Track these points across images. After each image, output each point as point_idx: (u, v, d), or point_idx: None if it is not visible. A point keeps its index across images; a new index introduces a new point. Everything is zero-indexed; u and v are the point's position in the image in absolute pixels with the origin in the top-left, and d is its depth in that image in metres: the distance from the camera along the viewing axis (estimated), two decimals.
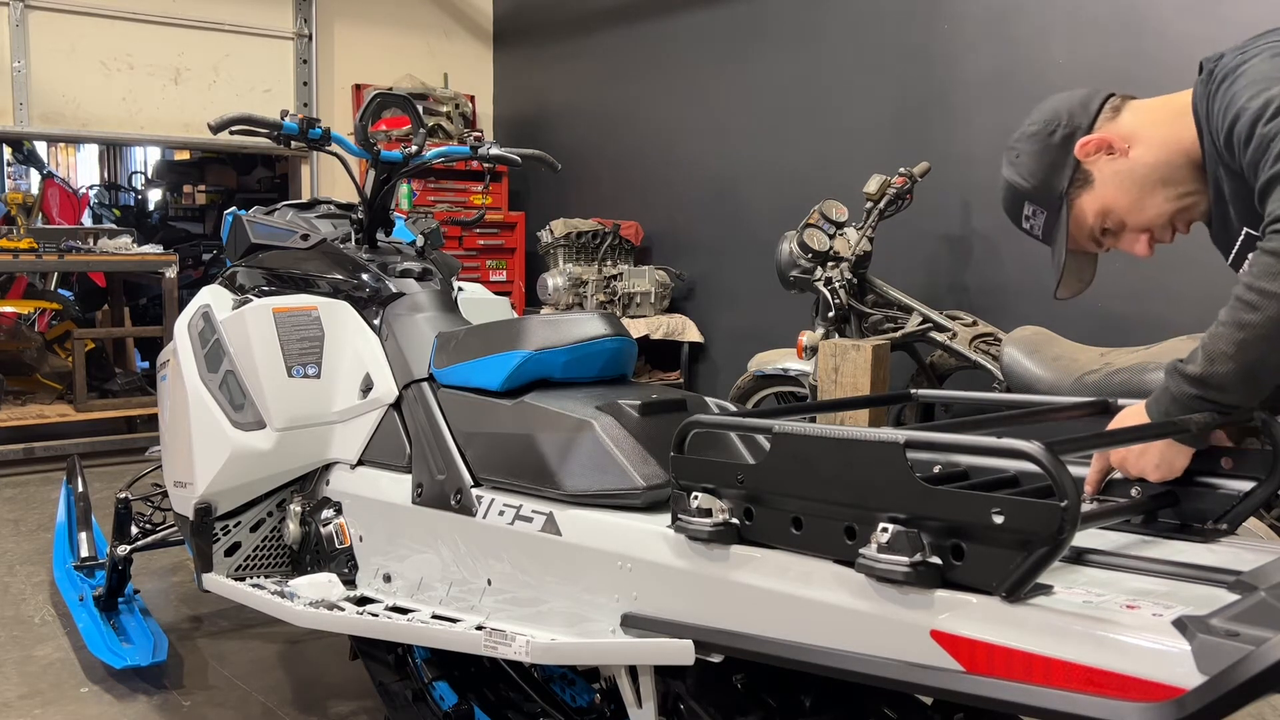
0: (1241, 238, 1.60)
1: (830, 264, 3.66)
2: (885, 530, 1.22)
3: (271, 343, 2.30)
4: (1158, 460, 1.41)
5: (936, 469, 1.58)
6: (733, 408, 1.89)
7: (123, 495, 3.10)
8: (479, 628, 1.79)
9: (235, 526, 2.37)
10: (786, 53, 4.93)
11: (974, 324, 3.62)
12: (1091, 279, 1.75)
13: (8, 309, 6.32)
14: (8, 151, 8.68)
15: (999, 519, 1.13)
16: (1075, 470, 1.47)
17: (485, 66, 6.97)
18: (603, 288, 5.28)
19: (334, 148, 2.60)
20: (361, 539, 2.21)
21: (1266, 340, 1.29)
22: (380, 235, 2.61)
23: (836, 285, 3.63)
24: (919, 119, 4.31)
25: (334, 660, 2.92)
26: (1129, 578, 1.24)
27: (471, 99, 6.64)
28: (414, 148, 2.63)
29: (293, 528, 2.33)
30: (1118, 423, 1.48)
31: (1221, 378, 1.33)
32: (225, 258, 2.71)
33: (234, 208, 2.74)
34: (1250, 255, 1.48)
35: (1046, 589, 1.17)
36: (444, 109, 6.24)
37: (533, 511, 1.76)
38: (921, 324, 3.63)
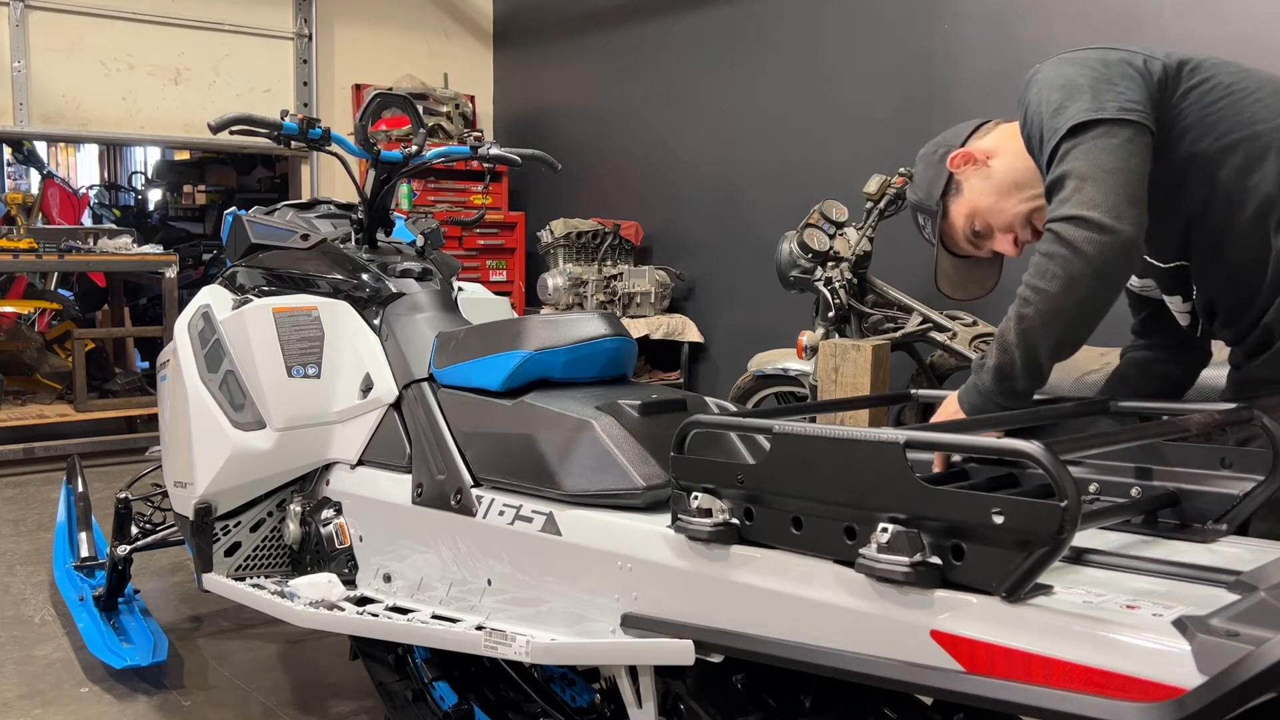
0: None
1: (830, 264, 3.66)
2: (885, 530, 1.22)
3: (271, 343, 2.30)
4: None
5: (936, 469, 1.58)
6: (733, 408, 1.89)
7: (123, 495, 3.10)
8: (479, 628, 1.79)
9: (235, 526, 2.37)
10: (786, 53, 4.93)
11: (974, 324, 3.62)
12: (994, 285, 2.01)
13: (8, 309, 6.31)
14: (8, 151, 8.68)
15: (999, 519, 1.13)
16: (1074, 471, 1.47)
17: (485, 66, 6.97)
18: (603, 288, 5.27)
19: (334, 148, 2.60)
20: (361, 539, 2.21)
21: (1040, 330, 1.51)
22: (380, 235, 2.61)
23: (836, 285, 3.62)
24: (919, 119, 4.30)
25: (334, 660, 2.91)
26: (1129, 578, 1.24)
27: (471, 99, 6.64)
28: (414, 148, 2.62)
29: (293, 528, 2.33)
30: (940, 413, 1.67)
31: (1009, 366, 1.54)
32: (225, 258, 2.71)
33: (234, 208, 2.74)
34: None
35: (1046, 589, 1.17)
36: (444, 109, 6.24)
37: (533, 511, 1.76)
38: (921, 324, 3.63)
